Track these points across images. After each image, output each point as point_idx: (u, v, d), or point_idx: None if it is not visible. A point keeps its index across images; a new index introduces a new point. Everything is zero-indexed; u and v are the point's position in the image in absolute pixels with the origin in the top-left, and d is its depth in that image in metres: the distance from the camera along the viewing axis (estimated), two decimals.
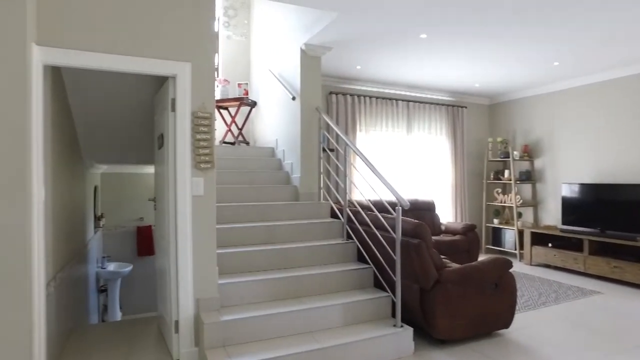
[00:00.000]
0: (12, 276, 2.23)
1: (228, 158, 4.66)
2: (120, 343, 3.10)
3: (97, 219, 5.08)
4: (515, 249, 6.31)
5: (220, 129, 5.51)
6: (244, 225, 3.63)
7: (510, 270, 4.24)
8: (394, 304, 3.15)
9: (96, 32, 2.52)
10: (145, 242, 5.62)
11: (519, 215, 6.44)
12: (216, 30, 2.90)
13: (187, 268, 2.77)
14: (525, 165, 6.69)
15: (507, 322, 3.32)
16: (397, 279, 2.96)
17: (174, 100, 2.75)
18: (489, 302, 3.21)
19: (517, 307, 3.89)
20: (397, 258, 2.95)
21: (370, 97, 6.11)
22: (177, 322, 2.76)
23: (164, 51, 2.68)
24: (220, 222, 3.72)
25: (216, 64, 2.88)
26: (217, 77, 5.82)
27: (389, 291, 3.21)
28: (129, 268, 5.14)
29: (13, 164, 2.23)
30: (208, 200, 2.86)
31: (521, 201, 6.49)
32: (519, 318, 3.74)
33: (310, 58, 4.36)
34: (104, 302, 5.17)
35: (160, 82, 3.23)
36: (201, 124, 2.80)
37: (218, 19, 5.93)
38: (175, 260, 2.78)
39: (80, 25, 2.49)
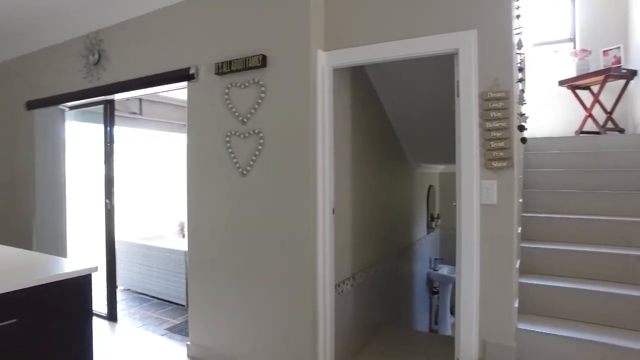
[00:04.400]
0: (298, 273, 2.38)
1: (579, 152, 3.47)
2: (412, 357, 2.83)
3: (432, 219, 5.04)
4: None
5: (577, 115, 4.22)
6: (581, 249, 2.53)
7: None
8: None
9: (374, 24, 2.34)
10: None
11: None
12: None
13: (471, 297, 2.14)
14: None
15: None
16: None
17: (457, 83, 2.18)
18: None
19: None
20: None
21: None
22: None
23: (439, 23, 2.17)
24: (544, 239, 2.75)
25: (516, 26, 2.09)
26: (573, 48, 4.51)
27: None
28: None
29: (300, 166, 2.37)
30: (504, 211, 2.10)
31: None
32: None
33: None
34: (437, 303, 5.09)
35: None
36: (493, 108, 2.08)
37: None
38: (458, 282, 2.21)
39: (361, 23, 2.37)
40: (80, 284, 1.73)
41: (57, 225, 3.84)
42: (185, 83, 2.79)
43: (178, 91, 3.11)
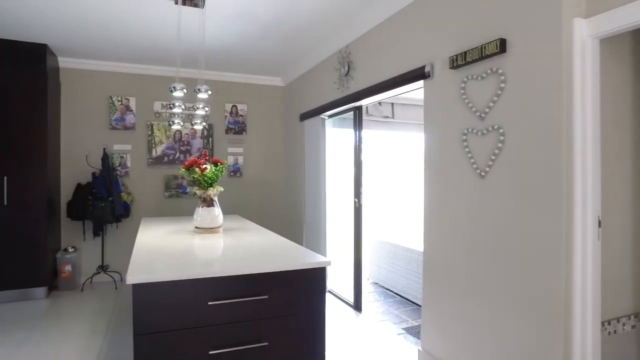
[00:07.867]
0: (546, 298, 1.95)
1: None
2: None
3: None
4: None
5: None
6: None
7: None
8: None
9: None
10: None
11: None
12: None
13: None
14: None
15: None
16: None
17: None
18: None
19: None
20: None
21: None
22: None
23: None
24: None
25: None
26: None
27: None
28: None
29: (550, 166, 1.93)
30: None
31: None
32: None
33: None
34: None
35: None
36: None
37: None
38: None
39: None
40: (318, 273, 1.99)
41: (319, 217, 4.47)
42: (421, 82, 2.74)
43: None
